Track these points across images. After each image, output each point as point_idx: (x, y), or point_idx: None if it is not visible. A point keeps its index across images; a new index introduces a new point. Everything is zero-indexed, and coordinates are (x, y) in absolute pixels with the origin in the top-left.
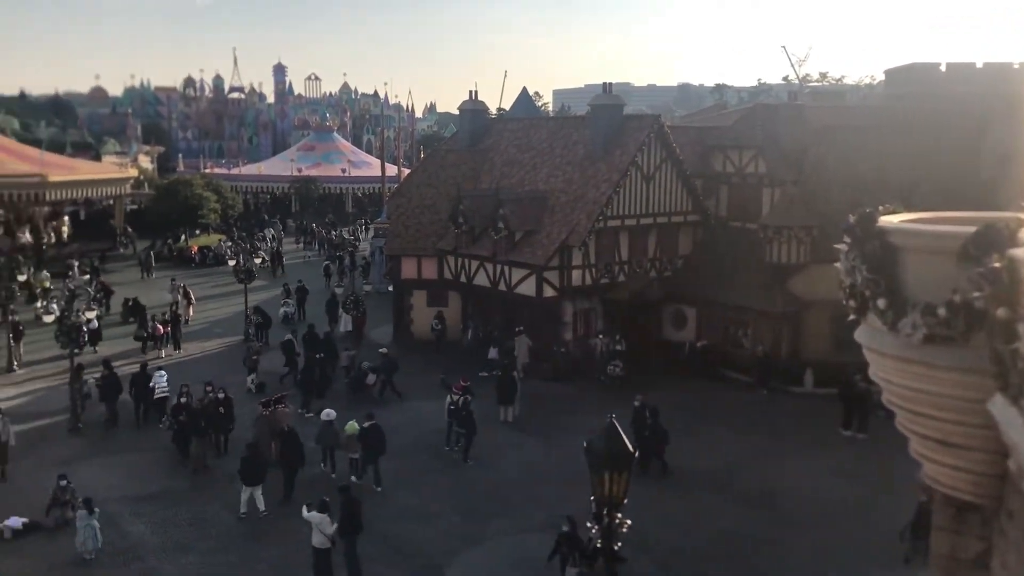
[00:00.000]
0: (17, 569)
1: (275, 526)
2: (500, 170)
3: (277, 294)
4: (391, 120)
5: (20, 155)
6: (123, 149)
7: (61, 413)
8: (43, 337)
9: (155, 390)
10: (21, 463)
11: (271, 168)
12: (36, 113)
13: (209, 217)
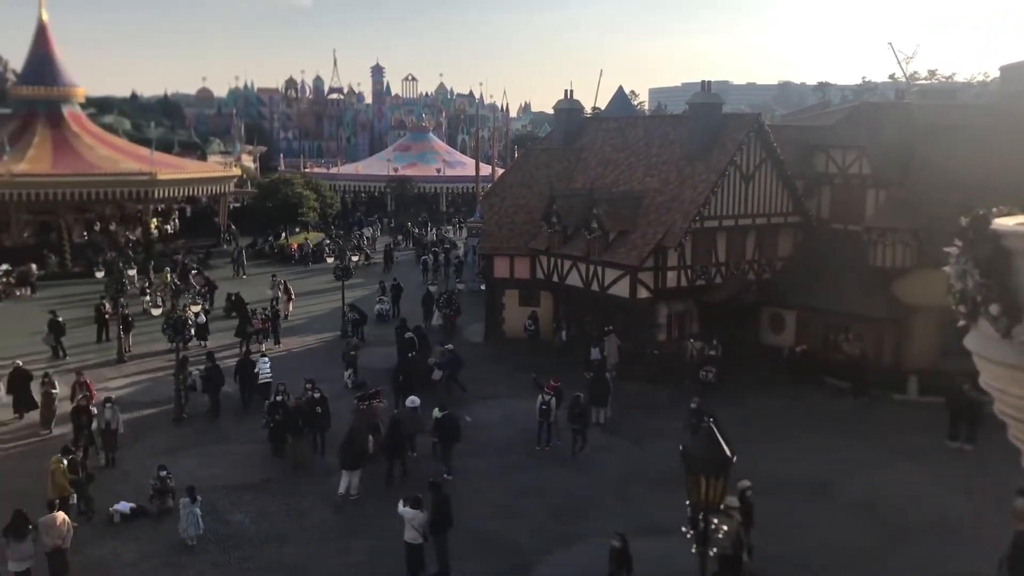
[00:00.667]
0: (126, 551)
1: (370, 520)
2: (595, 170)
3: (373, 291)
4: (486, 120)
5: (132, 154)
6: (227, 148)
7: (166, 403)
8: (151, 329)
9: (259, 376)
10: (129, 450)
11: (368, 168)
12: (146, 114)
13: (308, 215)
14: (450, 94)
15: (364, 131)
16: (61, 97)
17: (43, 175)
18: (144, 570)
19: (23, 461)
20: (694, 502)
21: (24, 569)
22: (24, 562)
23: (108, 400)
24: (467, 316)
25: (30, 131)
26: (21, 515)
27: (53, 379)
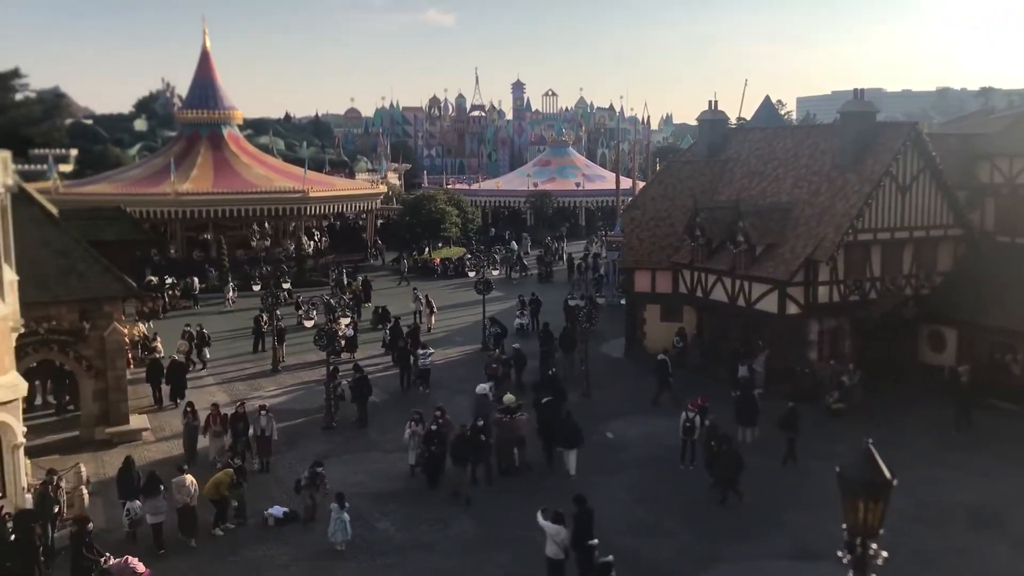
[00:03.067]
0: (279, 555)
1: (513, 532)
2: (740, 181)
3: (512, 305)
4: (626, 133)
5: (285, 173)
6: (374, 166)
7: (317, 412)
8: (304, 341)
9: (419, 363)
10: (283, 456)
11: (508, 183)
12: (299, 134)
13: (451, 230)
14: (590, 108)
15: (505, 147)
16: (221, 120)
17: (205, 193)
18: (295, 573)
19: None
20: (851, 526)
21: (159, 522)
22: (159, 516)
23: (263, 408)
24: (606, 331)
25: (194, 152)
26: (155, 476)
27: (196, 411)
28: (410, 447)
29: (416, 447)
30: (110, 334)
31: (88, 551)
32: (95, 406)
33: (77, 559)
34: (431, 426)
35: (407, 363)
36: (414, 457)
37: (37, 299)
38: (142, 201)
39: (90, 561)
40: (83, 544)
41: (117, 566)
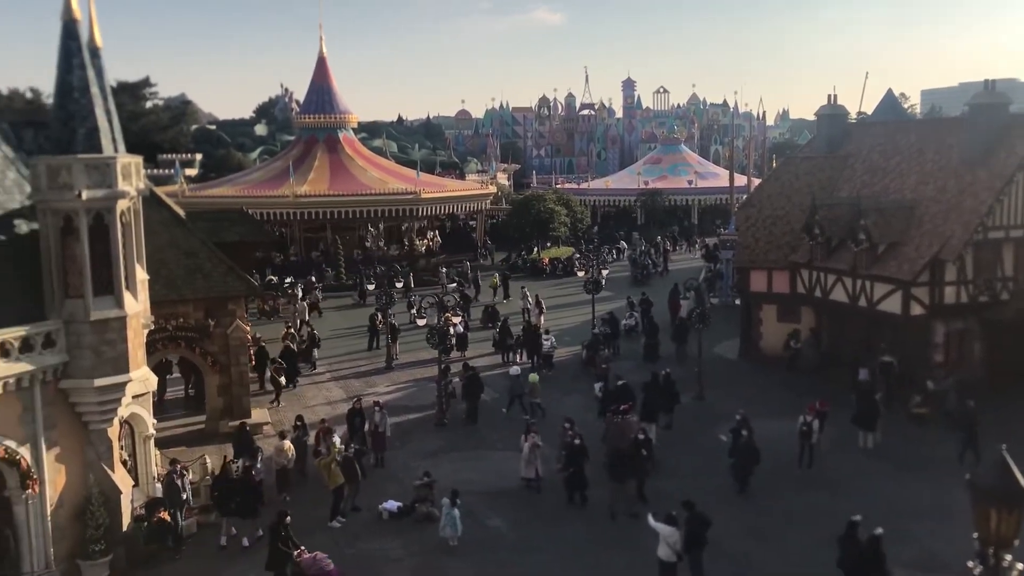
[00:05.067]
0: (393, 548)
1: (624, 534)
2: (861, 178)
3: (622, 305)
4: (741, 129)
5: (398, 175)
6: (484, 167)
7: (429, 409)
8: (417, 339)
9: (543, 347)
10: (396, 452)
11: (618, 182)
12: (411, 136)
13: (560, 230)
14: (703, 104)
15: (615, 145)
16: (337, 124)
17: (322, 195)
18: (409, 566)
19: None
20: (983, 537)
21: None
22: (258, 476)
23: (377, 404)
24: (720, 332)
25: (311, 156)
26: (248, 435)
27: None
28: (528, 460)
29: (533, 461)
30: (233, 331)
31: (284, 544)
32: (219, 400)
33: (274, 550)
34: (573, 441)
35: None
36: (533, 471)
37: (166, 297)
38: (263, 203)
39: (285, 553)
40: (279, 536)
41: (307, 561)
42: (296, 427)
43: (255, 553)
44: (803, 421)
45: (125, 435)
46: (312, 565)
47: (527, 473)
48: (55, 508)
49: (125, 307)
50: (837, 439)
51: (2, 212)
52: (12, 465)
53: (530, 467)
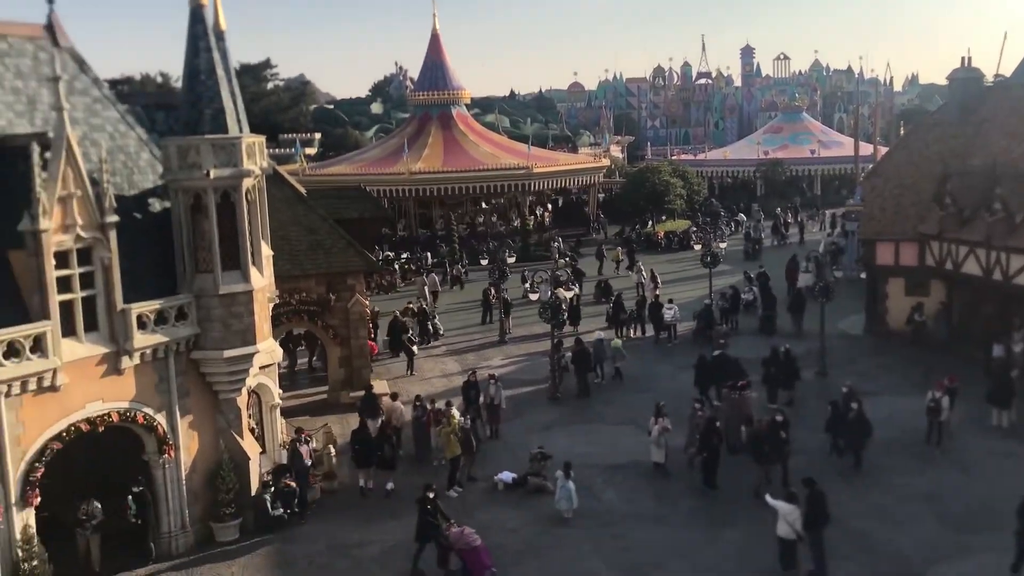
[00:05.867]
0: (509, 518)
1: (742, 510)
2: (997, 144)
3: (739, 280)
4: (866, 95)
5: (510, 150)
6: (597, 140)
7: (542, 382)
8: (529, 313)
9: (665, 317)
10: (511, 424)
11: (736, 152)
12: (523, 111)
13: (675, 203)
14: (826, 71)
15: (732, 115)
16: (450, 100)
17: (435, 172)
18: (525, 537)
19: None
20: None
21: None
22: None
23: (492, 377)
24: (844, 307)
25: (425, 132)
26: (373, 396)
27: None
28: (657, 444)
29: (663, 444)
30: (353, 305)
31: (433, 516)
32: (340, 372)
33: (423, 521)
34: (713, 421)
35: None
36: (663, 455)
37: (289, 272)
38: (379, 180)
39: (434, 525)
40: (428, 508)
41: (455, 535)
42: (416, 405)
43: (377, 518)
44: (931, 397)
45: (253, 404)
46: (459, 539)
47: (657, 457)
48: (189, 472)
49: (251, 281)
50: (968, 417)
51: (137, 191)
52: (150, 431)
53: (660, 451)
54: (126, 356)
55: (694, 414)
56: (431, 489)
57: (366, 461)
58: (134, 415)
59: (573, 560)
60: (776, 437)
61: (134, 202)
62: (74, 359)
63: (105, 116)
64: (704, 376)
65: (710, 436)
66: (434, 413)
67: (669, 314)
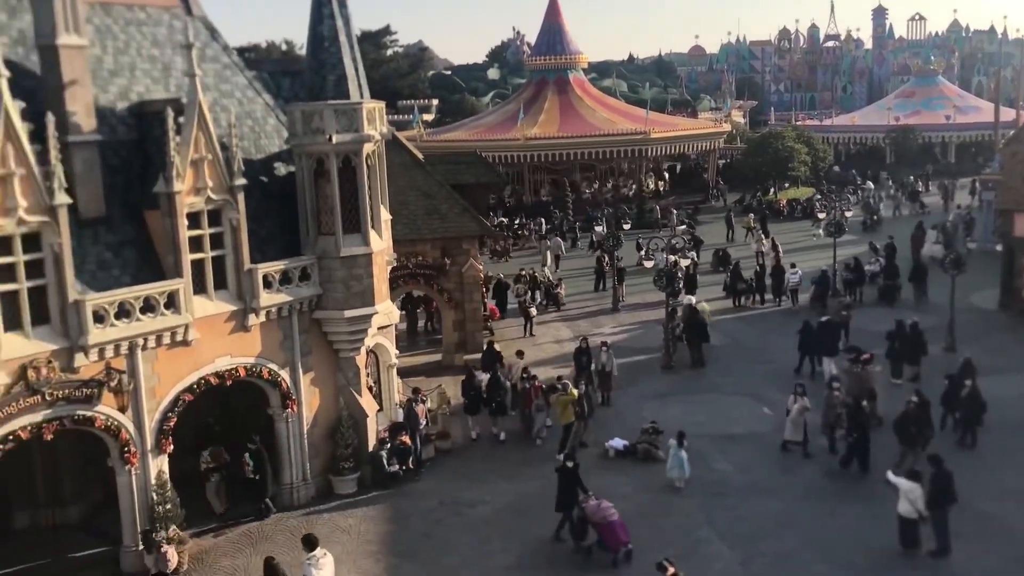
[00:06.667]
0: (620, 484)
1: (861, 486)
2: None
3: (864, 251)
4: (1010, 58)
5: (628, 115)
6: (717, 105)
7: (655, 351)
8: (643, 281)
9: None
10: (623, 392)
11: (865, 118)
12: (641, 75)
13: (799, 170)
14: (965, 31)
15: (862, 79)
16: (567, 65)
17: (551, 137)
18: (637, 503)
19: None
20: None
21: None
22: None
23: (604, 344)
24: (976, 280)
25: (541, 97)
26: (493, 350)
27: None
28: (795, 423)
29: (801, 423)
30: (467, 269)
31: (573, 487)
32: (454, 335)
33: (564, 491)
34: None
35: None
36: (801, 433)
37: (406, 236)
38: (494, 146)
39: (573, 496)
40: (567, 478)
41: (592, 507)
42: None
43: (489, 479)
44: None
45: (371, 363)
46: (597, 511)
47: (794, 435)
48: (310, 427)
49: (371, 244)
50: None
51: (264, 156)
52: (274, 386)
53: (798, 430)
54: (253, 314)
55: (831, 394)
56: (571, 458)
57: (475, 409)
58: (260, 370)
59: (684, 528)
60: (924, 418)
61: (261, 166)
62: (204, 315)
63: (234, 82)
64: (807, 343)
65: (859, 416)
66: (537, 388)
67: (793, 279)
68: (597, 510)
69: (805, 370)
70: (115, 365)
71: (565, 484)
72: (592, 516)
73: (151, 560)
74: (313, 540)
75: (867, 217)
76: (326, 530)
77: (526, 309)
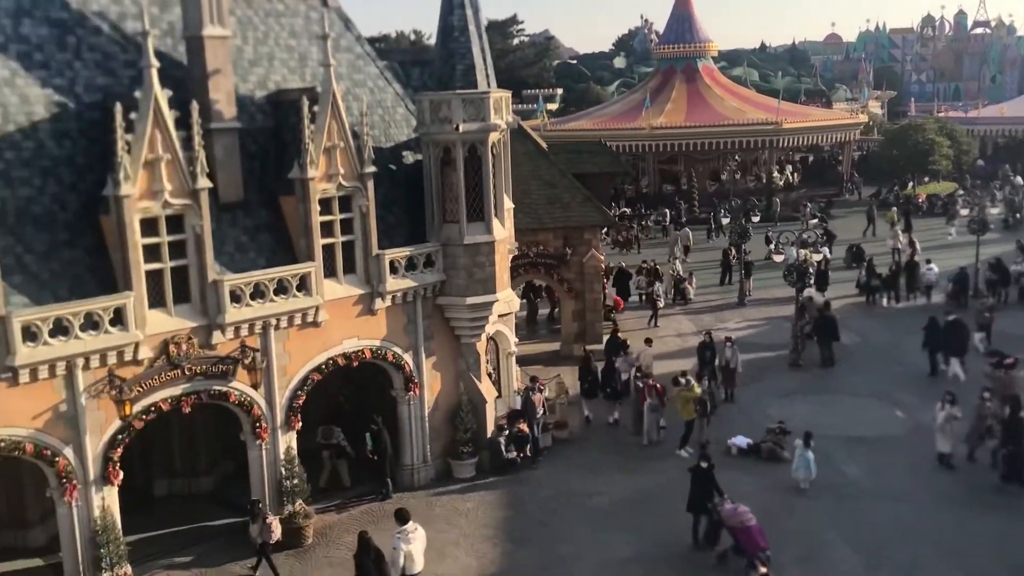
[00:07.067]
0: (742, 482)
1: (1001, 495)
2: None
3: (1009, 250)
4: None
5: (758, 104)
6: (853, 95)
7: (782, 348)
8: (772, 275)
9: (924, 277)
10: (747, 389)
11: (1015, 109)
12: (774, 63)
13: (940, 164)
14: None
15: (1013, 68)
16: (696, 53)
17: (677, 127)
18: (760, 502)
19: None
20: None
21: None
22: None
23: (728, 340)
24: None
25: (668, 86)
26: (617, 338)
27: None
28: (944, 431)
29: (948, 432)
30: (588, 259)
31: (707, 488)
32: (573, 325)
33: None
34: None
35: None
36: (949, 444)
37: (528, 225)
38: (619, 136)
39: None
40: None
41: (728, 511)
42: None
43: (606, 471)
44: None
45: (491, 350)
46: (732, 515)
47: (943, 447)
48: (431, 410)
49: (494, 233)
50: None
51: (393, 144)
52: (398, 369)
53: (946, 440)
54: (379, 298)
55: (983, 403)
56: (706, 459)
57: (592, 394)
58: (385, 353)
59: (808, 531)
60: None
61: (390, 154)
62: (334, 298)
63: (366, 72)
64: (934, 340)
65: (1017, 427)
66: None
67: (930, 274)
68: (733, 514)
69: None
70: (249, 343)
71: (699, 485)
72: (728, 520)
73: (256, 530)
74: (405, 514)
75: (1009, 215)
76: (444, 512)
77: (653, 300)
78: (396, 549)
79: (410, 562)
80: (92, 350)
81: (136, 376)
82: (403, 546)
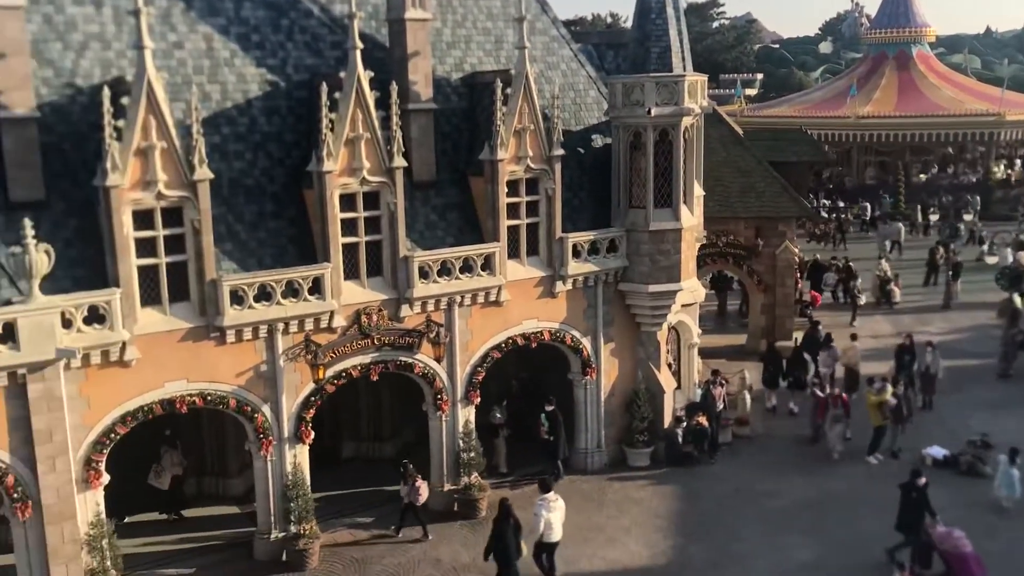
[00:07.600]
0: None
1: None
2: None
3: None
4: None
5: (978, 94)
6: None
7: (990, 356)
8: (983, 279)
9: None
10: (947, 397)
11: None
12: (1000, 50)
13: None
14: None
15: None
16: (911, 38)
17: (886, 117)
18: (953, 519)
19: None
20: None
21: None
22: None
23: (930, 344)
24: None
25: (878, 74)
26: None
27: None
28: None
29: None
30: (781, 252)
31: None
32: (761, 319)
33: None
34: None
35: None
36: None
37: (718, 214)
38: (821, 124)
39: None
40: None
41: (942, 534)
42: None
43: (787, 471)
44: None
45: (672, 340)
46: (946, 539)
47: None
48: (607, 396)
49: (681, 220)
50: None
51: (583, 127)
52: (576, 352)
53: None
54: (560, 281)
55: None
56: (919, 474)
57: (775, 383)
58: (563, 336)
59: (1009, 552)
60: None
61: (579, 137)
62: (516, 279)
63: (560, 55)
64: None
65: None
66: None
67: None
68: (947, 538)
69: None
70: (435, 318)
71: (910, 503)
72: (941, 544)
73: (405, 490)
74: (548, 483)
75: None
76: (617, 498)
77: (854, 296)
78: (537, 516)
79: (549, 530)
80: (292, 316)
81: (330, 343)
82: (544, 513)
